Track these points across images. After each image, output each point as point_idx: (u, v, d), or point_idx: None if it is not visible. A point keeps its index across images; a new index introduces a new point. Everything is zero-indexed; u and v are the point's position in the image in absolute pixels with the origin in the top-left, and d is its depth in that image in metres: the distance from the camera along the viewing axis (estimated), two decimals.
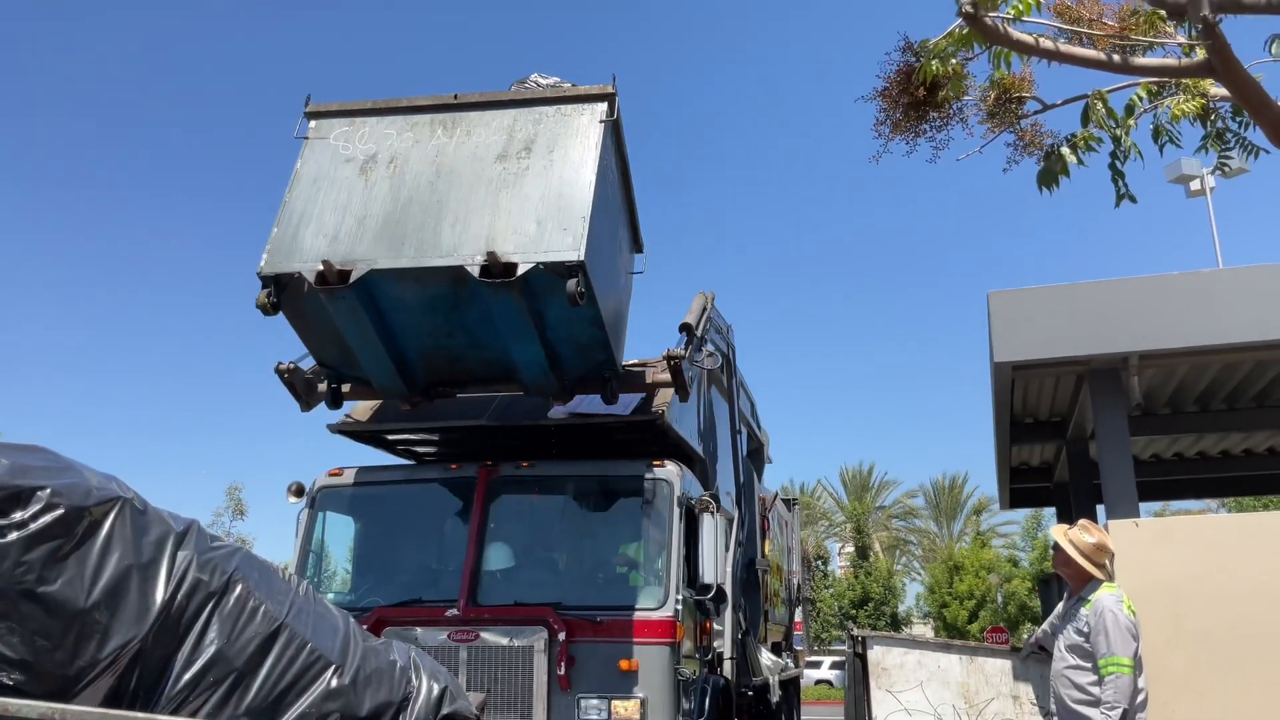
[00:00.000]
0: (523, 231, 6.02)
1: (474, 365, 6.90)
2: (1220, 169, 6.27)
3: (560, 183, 6.20)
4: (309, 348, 6.91)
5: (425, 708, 3.36)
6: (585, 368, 6.92)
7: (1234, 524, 7.34)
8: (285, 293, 6.20)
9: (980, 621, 39.43)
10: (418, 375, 6.96)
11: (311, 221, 6.29)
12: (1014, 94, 5.71)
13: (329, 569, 8.06)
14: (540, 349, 6.51)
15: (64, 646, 2.84)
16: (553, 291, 6.04)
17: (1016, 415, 10.63)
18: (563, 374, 6.85)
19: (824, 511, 49.94)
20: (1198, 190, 24.64)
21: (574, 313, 6.22)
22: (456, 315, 6.42)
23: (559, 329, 6.48)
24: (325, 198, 6.42)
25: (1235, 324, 7.42)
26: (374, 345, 6.53)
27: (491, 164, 6.36)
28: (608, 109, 6.51)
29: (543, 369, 6.69)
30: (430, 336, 6.62)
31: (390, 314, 6.42)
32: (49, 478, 2.95)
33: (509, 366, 6.78)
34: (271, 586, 3.31)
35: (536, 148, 6.39)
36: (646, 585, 7.01)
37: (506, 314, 6.22)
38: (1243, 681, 6.15)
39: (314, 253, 6.11)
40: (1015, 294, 7.97)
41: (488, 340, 6.56)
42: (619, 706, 6.48)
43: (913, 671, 6.65)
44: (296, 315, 6.51)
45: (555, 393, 7.01)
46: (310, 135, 6.71)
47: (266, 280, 6.15)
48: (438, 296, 6.27)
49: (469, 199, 6.24)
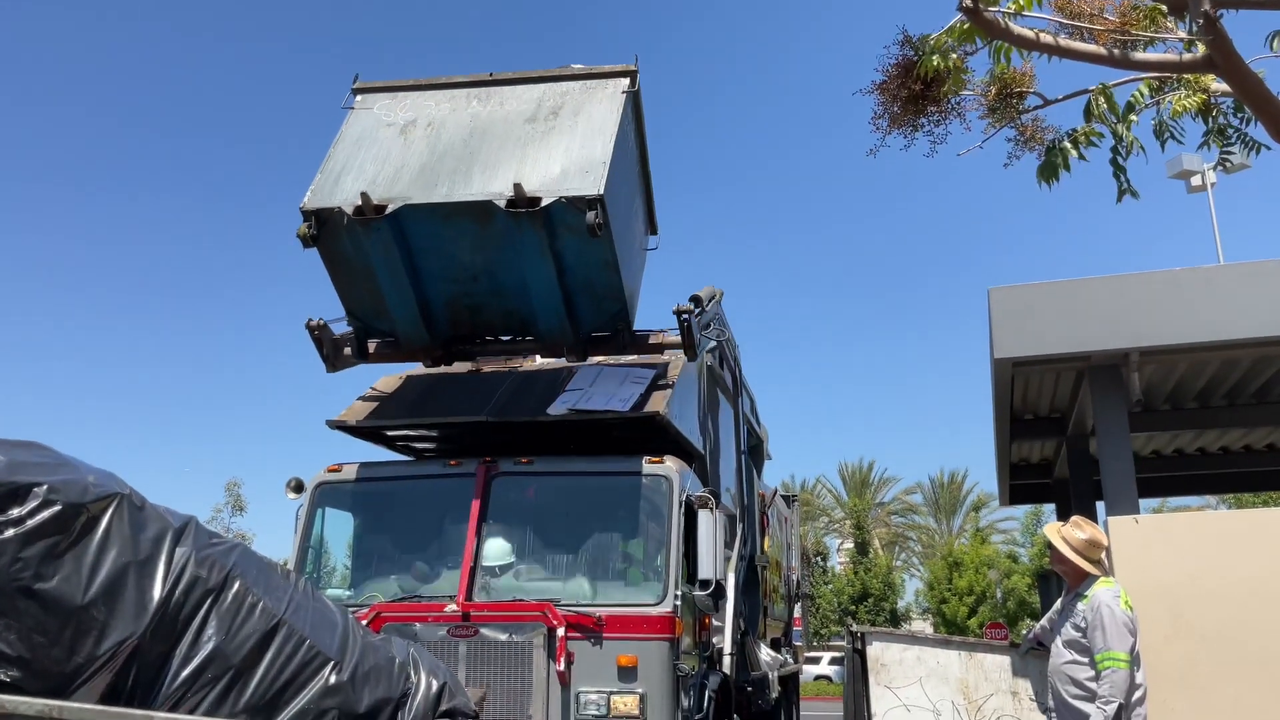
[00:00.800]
0: (547, 174, 6.61)
1: (494, 316, 7.40)
2: (1222, 165, 6.24)
3: (583, 138, 6.81)
4: (341, 295, 7.30)
5: (424, 704, 3.35)
6: (599, 319, 7.35)
7: (1233, 520, 7.34)
8: (324, 229, 6.72)
9: (979, 617, 39.46)
10: (441, 326, 7.44)
11: (352, 170, 6.85)
12: (1015, 89, 5.68)
13: (328, 565, 8.04)
14: (558, 292, 6.97)
15: (61, 643, 2.83)
16: (573, 229, 6.56)
17: (1017, 411, 10.63)
18: (578, 325, 7.28)
19: (823, 508, 49.96)
20: (1199, 186, 24.65)
21: (591, 253, 6.75)
22: (482, 257, 6.90)
23: (576, 273, 6.93)
24: (366, 153, 7.00)
25: (1236, 320, 7.41)
26: (402, 287, 7.02)
27: (521, 125, 6.98)
28: (629, 83, 7.21)
29: (559, 316, 7.13)
30: (455, 282, 7.12)
31: (419, 255, 6.91)
32: (46, 474, 2.94)
33: (528, 317, 7.26)
34: (270, 583, 3.30)
35: (563, 113, 7.04)
36: (646, 581, 7.01)
37: (529, 252, 6.71)
38: (1241, 678, 6.15)
39: (353, 193, 6.62)
40: (1016, 290, 7.96)
41: (509, 285, 7.05)
42: (618, 702, 6.47)
43: (912, 667, 6.64)
44: (332, 256, 6.97)
45: (570, 345, 7.40)
46: (356, 106, 7.39)
47: (308, 215, 6.70)
48: (465, 235, 6.78)
49: (499, 152, 6.81)
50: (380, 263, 6.88)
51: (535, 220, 6.49)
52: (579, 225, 6.48)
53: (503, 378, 8.25)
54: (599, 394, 7.54)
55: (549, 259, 6.76)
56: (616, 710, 6.47)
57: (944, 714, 6.49)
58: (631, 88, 7.19)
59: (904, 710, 6.55)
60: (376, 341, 7.67)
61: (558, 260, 6.81)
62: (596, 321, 7.36)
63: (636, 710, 6.45)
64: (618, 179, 6.91)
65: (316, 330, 7.48)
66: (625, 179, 7.31)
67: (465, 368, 8.61)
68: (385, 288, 7.05)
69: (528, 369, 8.49)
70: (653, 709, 6.47)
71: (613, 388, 7.60)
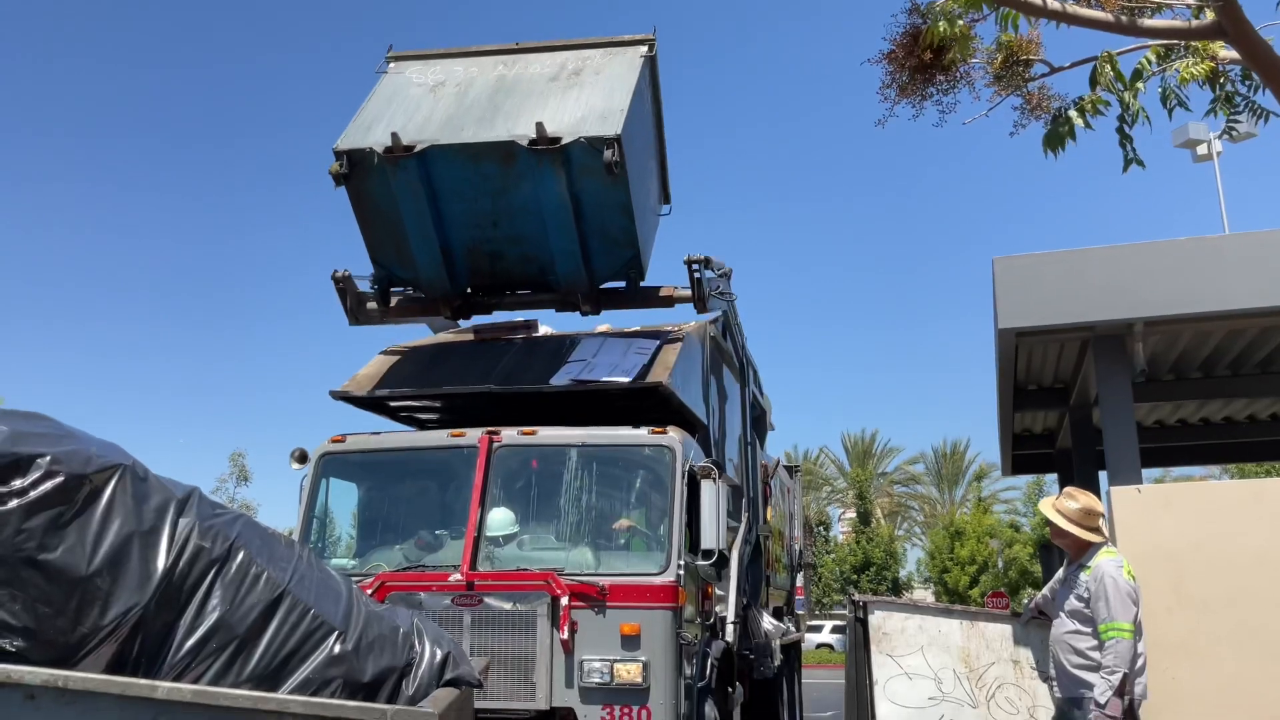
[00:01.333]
0: (568, 119, 7.04)
1: (513, 264, 7.77)
2: (1228, 133, 6.20)
3: (603, 91, 7.28)
4: (367, 241, 7.68)
5: (428, 673, 3.36)
6: (613, 265, 7.72)
7: (1236, 490, 7.34)
8: (355, 170, 7.15)
9: (981, 586, 39.63)
10: (461, 274, 7.80)
11: (384, 120, 7.28)
12: (1021, 56, 5.63)
13: (332, 535, 8.08)
14: (575, 236, 7.36)
15: (66, 613, 2.84)
16: (590, 171, 6.96)
17: (1020, 382, 10.62)
18: (593, 272, 7.67)
19: (826, 478, 50.07)
20: (1205, 155, 24.50)
21: (607, 196, 7.15)
22: (503, 201, 7.29)
23: (593, 217, 7.33)
24: (397, 107, 7.45)
25: (1241, 290, 7.39)
26: (426, 231, 7.39)
27: (544, 83, 7.45)
28: (647, 49, 7.78)
29: (575, 261, 7.51)
30: (477, 228, 7.50)
31: (444, 199, 7.31)
32: (49, 445, 2.94)
33: (545, 263, 7.64)
34: (274, 553, 3.31)
35: (585, 72, 7.55)
36: (649, 551, 7.03)
37: (548, 194, 7.10)
38: (1243, 648, 6.16)
39: (384, 136, 7.05)
40: (1020, 260, 7.93)
41: (528, 231, 7.45)
42: (621, 670, 6.52)
43: (913, 636, 6.66)
44: (360, 198, 7.37)
45: (585, 293, 7.77)
46: (389, 71, 7.92)
47: (340, 155, 7.13)
48: (488, 178, 7.16)
49: (522, 104, 7.26)
50: (407, 204, 7.25)
51: (555, 159, 6.85)
52: (596, 166, 6.85)
53: (506, 349, 8.25)
54: (602, 365, 7.54)
55: (567, 201, 7.12)
56: (620, 678, 6.51)
57: (945, 682, 6.52)
58: (649, 53, 7.71)
59: (905, 678, 6.59)
60: (399, 296, 8.06)
61: (575, 203, 7.18)
62: (610, 268, 7.72)
63: (639, 678, 6.49)
64: (634, 130, 7.26)
65: (341, 282, 7.90)
66: (641, 133, 7.69)
67: (468, 339, 8.63)
68: (410, 230, 7.39)
69: (531, 340, 8.49)
70: (655, 677, 6.51)
71: (616, 358, 7.60)
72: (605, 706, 6.53)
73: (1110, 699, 5.20)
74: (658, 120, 8.37)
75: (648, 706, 6.49)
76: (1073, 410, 11.24)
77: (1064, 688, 5.59)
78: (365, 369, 8.18)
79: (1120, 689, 5.24)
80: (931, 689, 6.54)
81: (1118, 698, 5.22)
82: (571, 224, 7.26)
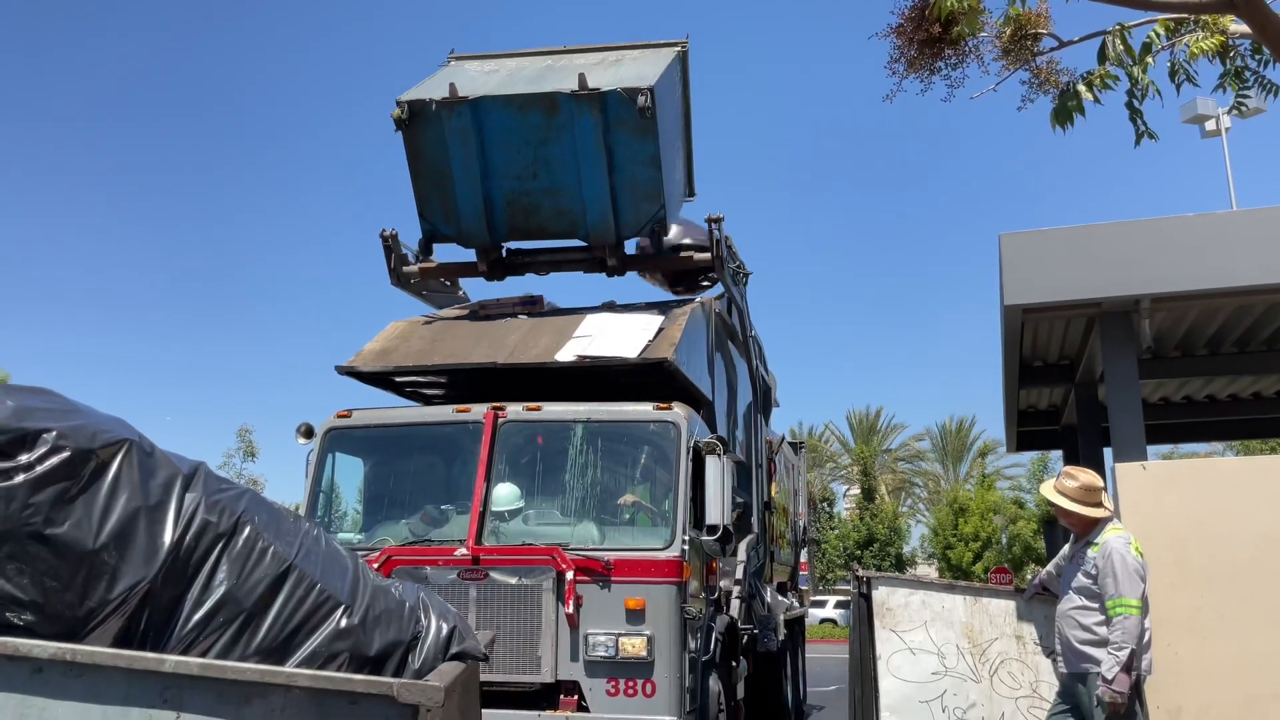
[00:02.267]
0: (607, 79, 7.99)
1: (547, 218, 8.50)
2: (1237, 108, 6.15)
3: (636, 69, 8.23)
4: (417, 196, 8.50)
5: (434, 647, 3.37)
6: (639, 220, 8.37)
7: (1241, 467, 7.33)
8: (414, 119, 8.10)
9: (984, 562, 39.65)
10: (500, 225, 8.54)
11: (441, 87, 8.14)
12: (1030, 30, 5.59)
13: (338, 509, 8.11)
14: (607, 188, 8.14)
15: (73, 588, 2.85)
16: (624, 124, 7.84)
17: (1026, 358, 10.60)
18: (620, 225, 8.36)
19: (831, 455, 50.09)
20: (1213, 131, 24.32)
21: (639, 149, 7.96)
22: (544, 151, 8.13)
23: (625, 168, 8.09)
24: (456, 77, 8.38)
25: (1248, 266, 7.35)
26: (472, 179, 8.23)
27: (586, 67, 8.18)
28: (680, 48, 8.84)
29: (605, 212, 8.25)
30: (518, 179, 8.29)
31: (490, 148, 8.15)
32: (54, 420, 2.94)
33: (577, 215, 8.36)
34: (280, 528, 3.31)
35: (623, 61, 8.59)
36: (654, 526, 7.05)
37: (585, 143, 7.94)
38: (1246, 625, 6.18)
39: (442, 92, 8.02)
40: (1026, 236, 7.90)
41: (564, 182, 8.21)
42: (626, 643, 6.55)
43: (917, 611, 6.68)
44: (416, 149, 8.29)
45: (611, 246, 8.48)
46: (450, 64, 9.08)
47: (401, 104, 8.08)
48: (533, 128, 8.03)
49: (565, 78, 8.10)
50: (455, 152, 8.14)
51: (594, 105, 7.78)
52: (630, 119, 7.76)
53: (512, 324, 8.26)
54: (607, 340, 7.54)
55: (602, 152, 7.96)
56: (625, 652, 6.54)
57: (949, 657, 6.54)
58: (682, 50, 8.82)
59: (909, 653, 6.61)
60: (434, 264, 8.95)
61: (609, 155, 8.01)
62: (637, 222, 8.39)
63: (644, 652, 6.53)
64: (665, 101, 8.13)
65: (388, 240, 8.76)
66: (670, 110, 8.53)
67: (474, 315, 8.64)
68: (457, 178, 8.25)
69: (536, 316, 8.50)
70: (660, 651, 6.55)
71: (621, 334, 7.60)
72: (610, 680, 6.56)
73: (1118, 674, 5.22)
74: (686, 114, 9.20)
75: (652, 680, 6.53)
76: (1078, 387, 11.23)
77: (1069, 663, 5.61)
78: (371, 344, 8.19)
79: (1127, 665, 5.26)
80: (935, 664, 6.56)
81: (1125, 673, 5.24)
82: (604, 173, 8.04)
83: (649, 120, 7.71)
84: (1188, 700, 6.19)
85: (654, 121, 7.75)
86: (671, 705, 6.51)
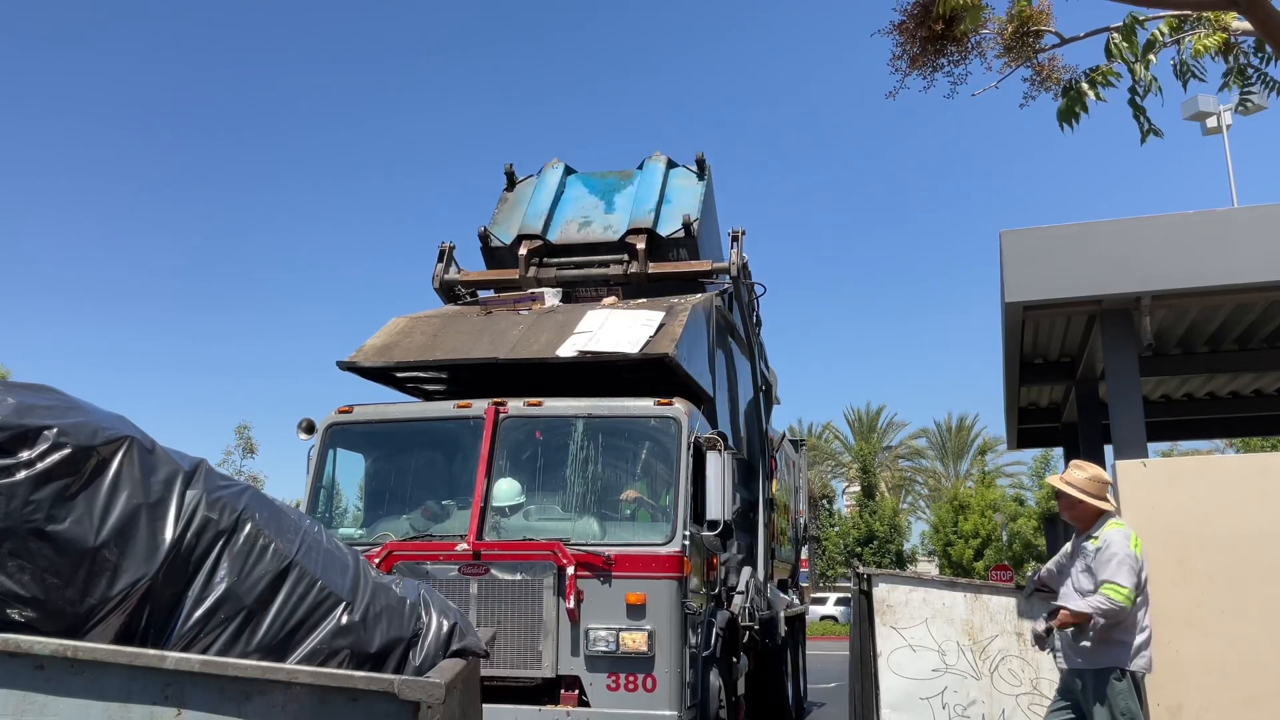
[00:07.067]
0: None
1: (595, 229, 9.53)
2: (1241, 106, 6.14)
3: None
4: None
5: (435, 644, 3.37)
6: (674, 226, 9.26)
7: (1241, 465, 7.32)
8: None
9: (985, 560, 39.68)
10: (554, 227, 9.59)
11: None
12: (1032, 27, 5.57)
13: (339, 505, 8.11)
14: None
15: (74, 584, 2.85)
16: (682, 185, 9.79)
17: (1026, 356, 10.58)
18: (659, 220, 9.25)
19: (831, 452, 50.08)
20: (1214, 128, 24.23)
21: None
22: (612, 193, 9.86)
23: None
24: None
25: (1249, 264, 7.33)
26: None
27: None
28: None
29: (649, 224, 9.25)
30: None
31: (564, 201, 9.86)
32: (55, 417, 2.94)
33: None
34: (281, 524, 3.31)
35: None
36: (654, 521, 7.06)
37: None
38: (1246, 622, 6.18)
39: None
40: (1027, 233, 7.87)
41: None
42: (627, 638, 6.55)
43: (918, 608, 6.68)
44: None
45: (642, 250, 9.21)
46: None
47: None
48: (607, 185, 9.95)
49: None
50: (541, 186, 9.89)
51: None
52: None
53: (513, 320, 8.25)
54: (608, 336, 7.53)
55: None
56: (625, 646, 6.55)
57: (949, 654, 6.55)
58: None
59: (909, 650, 6.61)
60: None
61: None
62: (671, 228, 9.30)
63: (645, 647, 6.53)
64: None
65: (446, 253, 9.75)
66: None
67: (476, 311, 8.62)
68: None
69: (538, 311, 8.49)
70: (661, 646, 6.55)
71: (622, 330, 7.60)
72: (611, 675, 6.57)
73: (1077, 614, 5.32)
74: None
75: (653, 675, 6.54)
76: (1079, 384, 11.21)
77: (1069, 659, 5.61)
78: (372, 340, 8.19)
79: (1078, 624, 5.34)
80: (935, 661, 6.56)
81: (1082, 623, 5.32)
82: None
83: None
84: (1188, 698, 6.19)
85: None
86: (672, 700, 6.52)
